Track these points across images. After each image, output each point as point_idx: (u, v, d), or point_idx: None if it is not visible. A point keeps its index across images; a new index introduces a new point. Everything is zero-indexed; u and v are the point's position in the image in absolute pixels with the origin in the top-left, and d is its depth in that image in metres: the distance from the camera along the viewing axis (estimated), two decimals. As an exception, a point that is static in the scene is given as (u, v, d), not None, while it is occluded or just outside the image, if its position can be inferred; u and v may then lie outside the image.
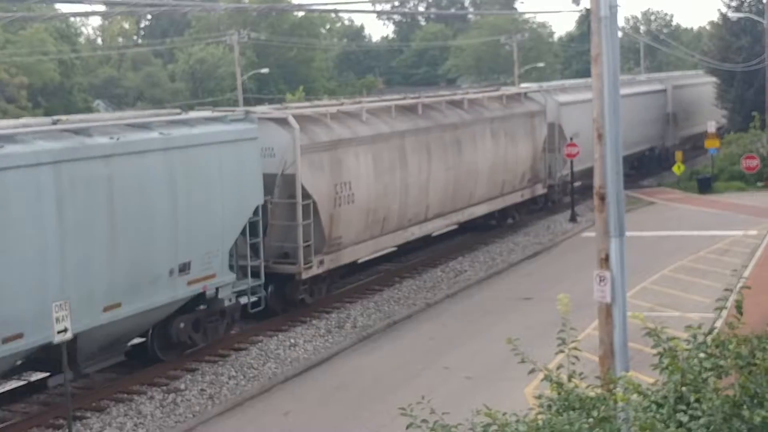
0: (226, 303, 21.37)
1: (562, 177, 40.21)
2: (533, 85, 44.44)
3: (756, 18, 54.44)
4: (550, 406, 8.28)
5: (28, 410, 18.30)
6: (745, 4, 58.90)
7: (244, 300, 22.44)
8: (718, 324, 9.42)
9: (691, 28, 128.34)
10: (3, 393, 18.87)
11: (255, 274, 22.49)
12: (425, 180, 28.93)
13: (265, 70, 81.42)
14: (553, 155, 39.04)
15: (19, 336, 16.19)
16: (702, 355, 7.98)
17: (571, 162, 39.06)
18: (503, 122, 34.38)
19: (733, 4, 59.05)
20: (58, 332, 15.90)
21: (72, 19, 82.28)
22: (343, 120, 25.86)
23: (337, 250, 25.09)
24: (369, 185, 25.93)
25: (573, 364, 8.74)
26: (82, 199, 17.18)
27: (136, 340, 20.68)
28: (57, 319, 15.85)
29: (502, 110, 34.62)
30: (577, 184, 40.20)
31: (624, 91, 46.63)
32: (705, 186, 45.76)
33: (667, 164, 52.24)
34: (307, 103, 34.37)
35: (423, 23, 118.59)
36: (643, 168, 54.38)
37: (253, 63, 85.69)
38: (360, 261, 27.86)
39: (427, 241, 32.57)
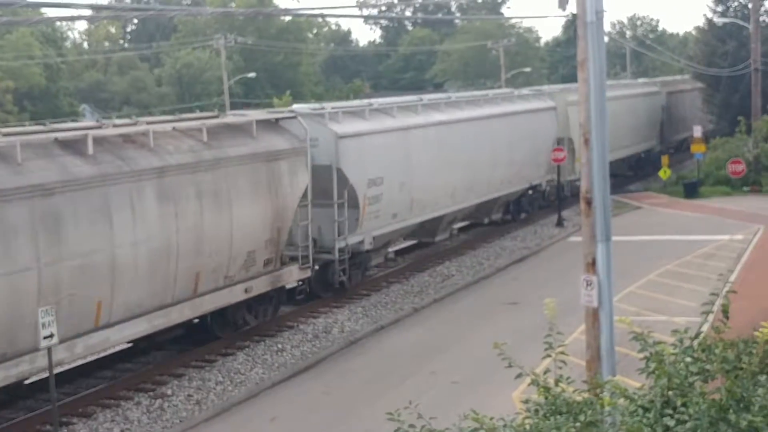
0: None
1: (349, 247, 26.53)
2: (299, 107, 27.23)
3: (741, 23, 54.65)
4: (537, 411, 8.28)
5: (14, 416, 18.20)
6: (731, 9, 59.16)
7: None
8: (705, 328, 9.45)
9: (677, 33, 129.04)
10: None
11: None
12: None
13: (251, 75, 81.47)
14: (335, 211, 25.49)
15: None
16: (688, 359, 8.00)
17: (558, 167, 39.12)
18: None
19: (719, 9, 59.31)
20: (44, 338, 15.81)
21: (58, 23, 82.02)
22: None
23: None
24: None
25: (560, 368, 8.75)
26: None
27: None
28: (43, 325, 15.76)
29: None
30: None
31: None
32: (691, 191, 45.88)
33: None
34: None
35: (410, 28, 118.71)
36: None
37: (240, 67, 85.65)
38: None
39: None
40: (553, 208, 40.08)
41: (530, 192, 39.26)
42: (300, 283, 24.87)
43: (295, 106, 26.99)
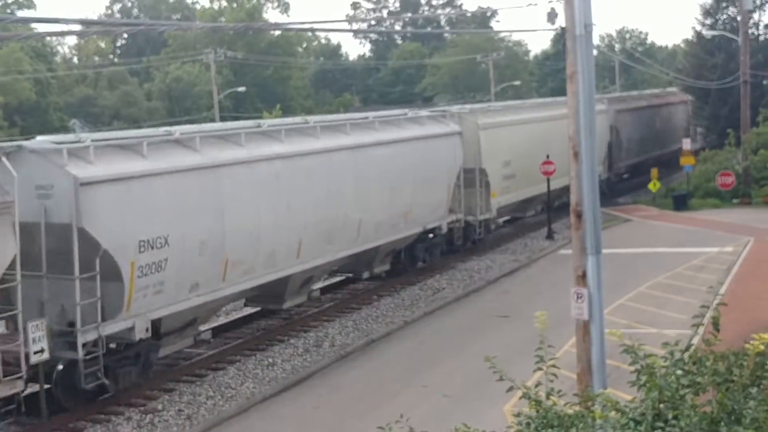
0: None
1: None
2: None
3: (730, 36, 54.92)
4: (528, 424, 8.26)
5: (3, 432, 18.07)
6: (720, 22, 59.46)
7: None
8: (695, 341, 9.46)
9: (666, 46, 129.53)
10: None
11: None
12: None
13: (241, 89, 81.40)
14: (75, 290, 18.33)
15: None
16: (679, 372, 7.99)
17: (548, 180, 39.18)
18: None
19: (708, 21, 59.63)
20: (35, 353, 15.76)
21: (48, 38, 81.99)
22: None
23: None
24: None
25: (551, 381, 8.74)
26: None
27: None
28: (33, 340, 15.70)
29: None
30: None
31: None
32: (681, 203, 45.99)
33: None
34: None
35: (399, 42, 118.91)
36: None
37: (229, 81, 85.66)
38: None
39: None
40: (538, 223, 40.11)
41: (431, 236, 32.27)
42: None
43: (39, 139, 19.78)
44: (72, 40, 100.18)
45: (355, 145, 26.82)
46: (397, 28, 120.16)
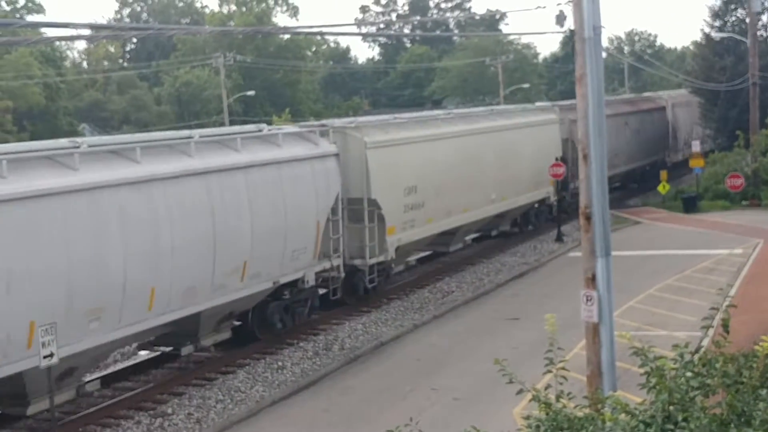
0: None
1: None
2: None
3: (739, 37, 54.79)
4: (538, 427, 8.27)
5: (14, 436, 18.09)
6: (729, 24, 59.31)
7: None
8: (705, 343, 9.45)
9: (675, 48, 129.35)
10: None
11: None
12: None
13: (251, 93, 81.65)
14: None
15: None
16: (689, 374, 7.99)
17: (557, 182, 39.14)
18: None
19: (717, 24, 59.47)
20: (44, 357, 15.79)
21: (57, 43, 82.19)
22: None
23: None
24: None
25: (561, 384, 8.74)
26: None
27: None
28: (43, 344, 15.73)
29: None
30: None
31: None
32: (690, 205, 45.90)
33: None
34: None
35: (408, 45, 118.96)
36: None
37: (239, 85, 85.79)
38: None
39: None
40: (547, 226, 39.97)
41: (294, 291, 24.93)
42: None
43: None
44: (81, 45, 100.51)
45: (148, 178, 18.99)
46: (406, 31, 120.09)
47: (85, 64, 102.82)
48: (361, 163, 26.58)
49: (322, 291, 26.16)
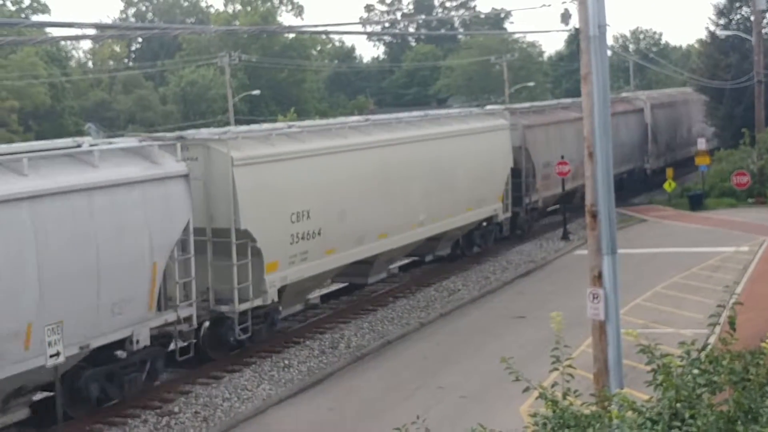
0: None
1: None
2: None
3: (744, 35, 54.72)
4: (545, 425, 8.28)
5: (21, 435, 18.07)
6: (733, 22, 59.22)
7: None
8: (712, 340, 9.46)
9: (680, 46, 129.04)
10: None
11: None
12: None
13: (256, 92, 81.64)
14: None
15: None
16: (696, 371, 8.00)
17: (563, 180, 39.13)
18: None
19: (722, 22, 59.36)
20: (51, 356, 15.81)
21: (62, 42, 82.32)
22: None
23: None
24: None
25: (567, 381, 8.75)
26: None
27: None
28: (49, 343, 15.75)
29: None
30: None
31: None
32: (696, 203, 45.86)
33: None
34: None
35: (413, 44, 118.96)
36: None
37: (244, 85, 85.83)
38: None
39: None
40: (553, 224, 39.94)
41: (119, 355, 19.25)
42: None
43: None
44: (87, 45, 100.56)
45: None
46: (411, 30, 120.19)
47: (90, 63, 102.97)
48: (227, 184, 21.37)
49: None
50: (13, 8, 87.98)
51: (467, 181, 31.98)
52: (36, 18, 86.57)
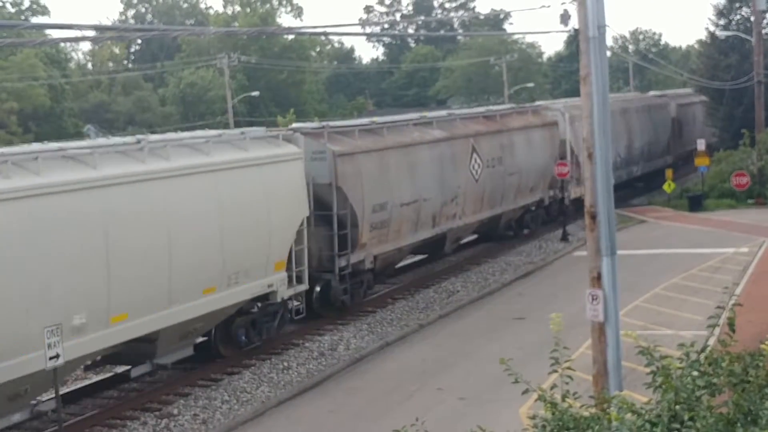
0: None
1: None
2: None
3: (744, 36, 54.72)
4: (544, 426, 8.27)
5: (20, 437, 18.03)
6: (733, 23, 59.22)
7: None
8: (711, 342, 9.42)
9: (680, 47, 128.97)
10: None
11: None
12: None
13: (255, 93, 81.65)
14: None
15: None
16: (695, 373, 7.99)
17: (563, 181, 39.11)
18: None
19: (721, 22, 59.35)
20: (50, 358, 15.81)
21: (62, 44, 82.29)
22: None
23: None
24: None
25: (567, 383, 8.74)
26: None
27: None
28: (49, 345, 15.76)
29: None
30: None
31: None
32: (695, 204, 45.85)
33: None
34: None
35: (413, 45, 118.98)
36: None
37: (243, 86, 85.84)
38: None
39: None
40: (552, 225, 39.87)
41: None
42: None
43: None
44: (86, 46, 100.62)
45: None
46: (410, 31, 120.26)
47: (89, 65, 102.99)
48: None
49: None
50: (12, 10, 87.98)
51: (200, 251, 20.32)
52: (35, 20, 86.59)
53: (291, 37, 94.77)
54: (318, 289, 25.73)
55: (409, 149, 29.48)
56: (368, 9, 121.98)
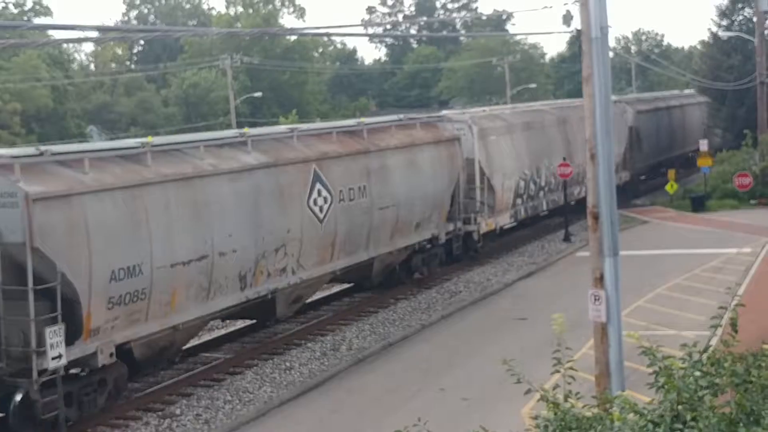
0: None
1: None
2: None
3: (746, 37, 54.72)
4: (546, 427, 8.26)
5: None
6: (736, 23, 59.23)
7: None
8: (714, 342, 9.42)
9: (682, 48, 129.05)
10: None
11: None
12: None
13: (258, 94, 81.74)
14: None
15: None
16: (698, 373, 7.98)
17: (565, 182, 39.10)
18: None
19: (724, 23, 59.38)
20: (53, 358, 15.81)
21: (65, 45, 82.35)
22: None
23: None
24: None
25: (569, 383, 8.73)
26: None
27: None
28: (51, 345, 15.75)
29: None
30: None
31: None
32: (698, 204, 45.83)
33: None
34: None
35: (415, 46, 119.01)
36: None
37: (246, 87, 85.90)
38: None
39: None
40: (555, 225, 39.85)
41: None
42: None
43: None
44: (89, 47, 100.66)
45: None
46: (413, 32, 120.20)
47: (92, 66, 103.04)
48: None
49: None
50: (15, 11, 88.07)
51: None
52: (38, 21, 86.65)
53: (293, 38, 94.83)
54: (17, 399, 17.02)
55: (192, 183, 20.65)
56: (371, 10, 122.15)
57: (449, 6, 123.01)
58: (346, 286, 30.09)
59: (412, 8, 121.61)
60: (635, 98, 58.89)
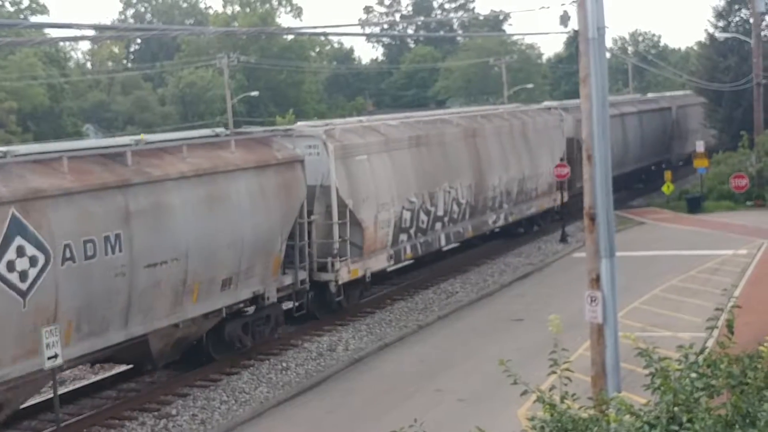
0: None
1: None
2: None
3: (743, 38, 54.71)
4: (543, 428, 8.26)
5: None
6: (732, 24, 59.22)
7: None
8: (710, 343, 9.44)
9: (679, 49, 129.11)
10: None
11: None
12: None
13: (255, 93, 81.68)
14: None
15: None
16: (694, 374, 7.99)
17: (562, 183, 39.10)
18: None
19: (721, 24, 59.35)
20: (48, 358, 15.79)
21: (61, 43, 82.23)
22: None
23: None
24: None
25: (565, 385, 8.73)
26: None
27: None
28: (47, 345, 15.73)
29: None
30: None
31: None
32: (694, 205, 45.85)
33: None
34: None
35: (412, 45, 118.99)
36: None
37: (243, 86, 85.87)
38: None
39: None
40: (551, 226, 39.88)
41: None
42: None
43: None
44: (85, 46, 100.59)
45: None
46: (410, 31, 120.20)
47: (89, 64, 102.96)
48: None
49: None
50: (11, 9, 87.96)
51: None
52: (34, 19, 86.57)
53: (290, 37, 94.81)
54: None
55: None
56: (368, 9, 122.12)
57: (446, 6, 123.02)
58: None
59: (410, 8, 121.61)
60: (575, 105, 52.48)
